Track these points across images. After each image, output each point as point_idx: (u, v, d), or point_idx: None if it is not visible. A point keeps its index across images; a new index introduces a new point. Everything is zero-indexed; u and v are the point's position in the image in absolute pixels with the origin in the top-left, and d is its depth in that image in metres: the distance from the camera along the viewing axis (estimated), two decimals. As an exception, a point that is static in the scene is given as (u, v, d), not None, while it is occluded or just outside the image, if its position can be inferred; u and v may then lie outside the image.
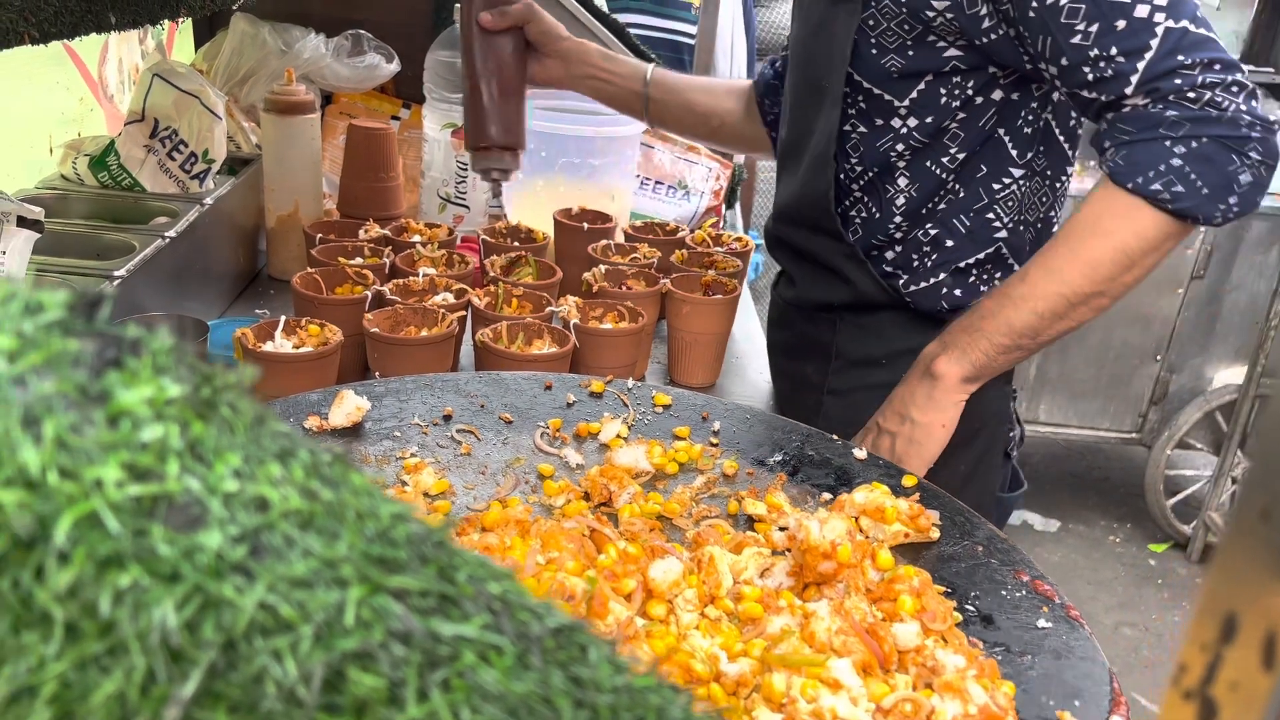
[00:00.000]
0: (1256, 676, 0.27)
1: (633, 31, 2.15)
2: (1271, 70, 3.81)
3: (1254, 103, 0.94)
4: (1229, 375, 3.40)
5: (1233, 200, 0.95)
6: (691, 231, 1.71)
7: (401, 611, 0.29)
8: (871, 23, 1.08)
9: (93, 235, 1.35)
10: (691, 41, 2.64)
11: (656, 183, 1.95)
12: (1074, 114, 1.15)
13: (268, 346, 1.15)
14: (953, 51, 1.07)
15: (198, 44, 2.11)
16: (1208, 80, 0.93)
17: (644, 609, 0.75)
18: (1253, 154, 0.94)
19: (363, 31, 1.96)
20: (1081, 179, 3.21)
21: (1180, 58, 0.93)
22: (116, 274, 1.21)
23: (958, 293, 1.18)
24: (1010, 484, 1.32)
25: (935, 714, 0.65)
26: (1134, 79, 0.95)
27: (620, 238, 1.64)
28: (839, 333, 1.25)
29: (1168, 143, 0.94)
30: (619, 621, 0.69)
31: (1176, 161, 0.94)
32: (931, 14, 1.04)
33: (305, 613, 0.28)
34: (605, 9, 2.17)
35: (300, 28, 1.92)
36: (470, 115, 1.37)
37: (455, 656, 0.29)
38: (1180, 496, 3.53)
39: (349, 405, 0.97)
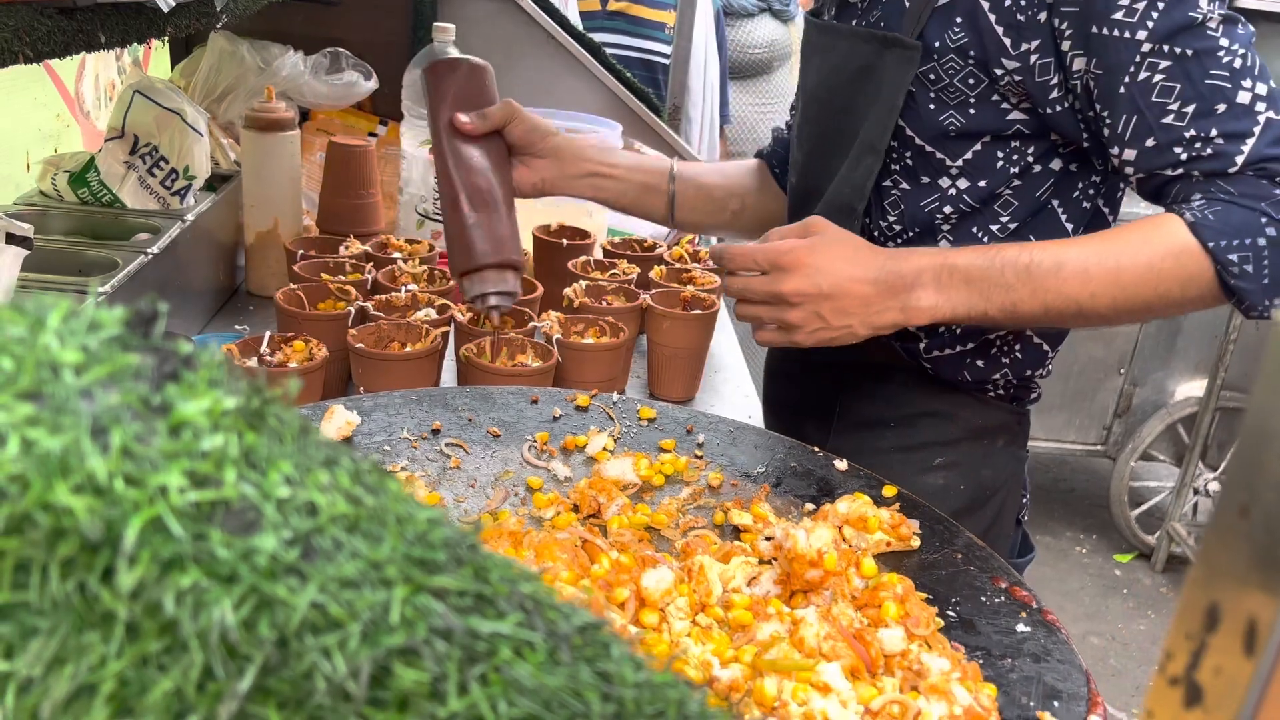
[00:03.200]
0: (1239, 662, 0.29)
1: (609, 51, 2.18)
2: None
3: None
4: (1190, 388, 3.48)
5: (1278, 300, 0.91)
6: (669, 248, 1.73)
7: (442, 610, 0.31)
8: (933, 76, 1.01)
9: (75, 252, 1.35)
10: (666, 61, 2.68)
11: (633, 200, 1.97)
12: (1119, 193, 1.09)
13: (254, 362, 1.16)
14: (1016, 114, 1.01)
15: (174, 61, 2.11)
16: None
17: (637, 617, 0.77)
18: None
19: (341, 49, 1.97)
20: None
21: None
22: (100, 290, 1.22)
23: (980, 363, 1.12)
24: (1020, 549, 1.26)
25: (922, 715, 0.67)
26: (1239, 160, 0.91)
27: (599, 254, 1.66)
28: (843, 393, 1.19)
29: (1264, 219, 0.90)
30: (623, 633, 0.71)
31: (1262, 241, 0.90)
32: (1000, 72, 0.98)
33: (353, 611, 0.30)
34: (581, 29, 2.20)
35: (279, 45, 1.93)
36: (454, 237, 1.15)
37: (492, 652, 0.31)
38: (1144, 507, 3.60)
39: (339, 420, 0.98)
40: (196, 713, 0.29)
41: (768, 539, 0.88)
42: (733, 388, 1.56)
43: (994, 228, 1.06)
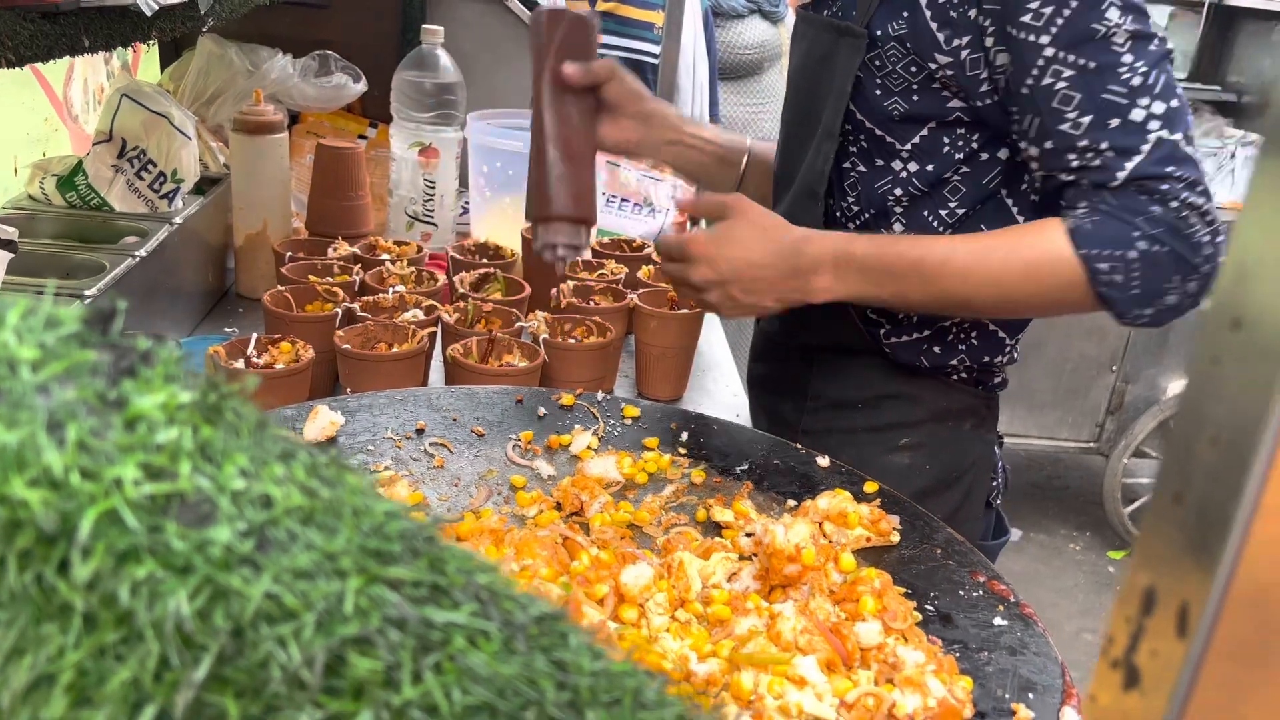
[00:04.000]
0: (1172, 644, 0.30)
1: (597, 52, 2.18)
2: (1218, 88, 3.93)
3: (1219, 239, 0.94)
4: (1182, 385, 3.49)
5: (1149, 312, 0.95)
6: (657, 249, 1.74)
7: (397, 600, 0.31)
8: (878, 63, 1.05)
9: (62, 255, 1.35)
10: (655, 61, 2.68)
11: (623, 200, 1.98)
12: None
13: (240, 364, 1.16)
14: (956, 103, 1.04)
15: (163, 64, 2.12)
16: (1191, 200, 0.93)
17: (616, 613, 0.77)
18: (1191, 284, 0.94)
19: (330, 52, 1.98)
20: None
21: (1171, 169, 0.93)
22: (87, 293, 1.22)
23: (937, 349, 1.15)
24: (994, 531, 1.29)
25: (896, 707, 0.68)
26: (1120, 175, 0.94)
27: (588, 254, 1.67)
28: (815, 373, 1.22)
29: (1136, 233, 0.93)
30: (593, 625, 0.71)
31: (1133, 254, 0.93)
32: (934, 66, 1.02)
33: (308, 601, 0.30)
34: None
35: (267, 48, 1.94)
36: (536, 182, 1.16)
37: (446, 641, 0.32)
38: (1137, 504, 3.60)
39: (323, 420, 0.98)
40: (154, 702, 0.30)
41: (748, 535, 0.89)
42: (721, 386, 1.57)
43: (943, 213, 1.09)
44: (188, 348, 1.32)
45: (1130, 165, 0.94)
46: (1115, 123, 0.94)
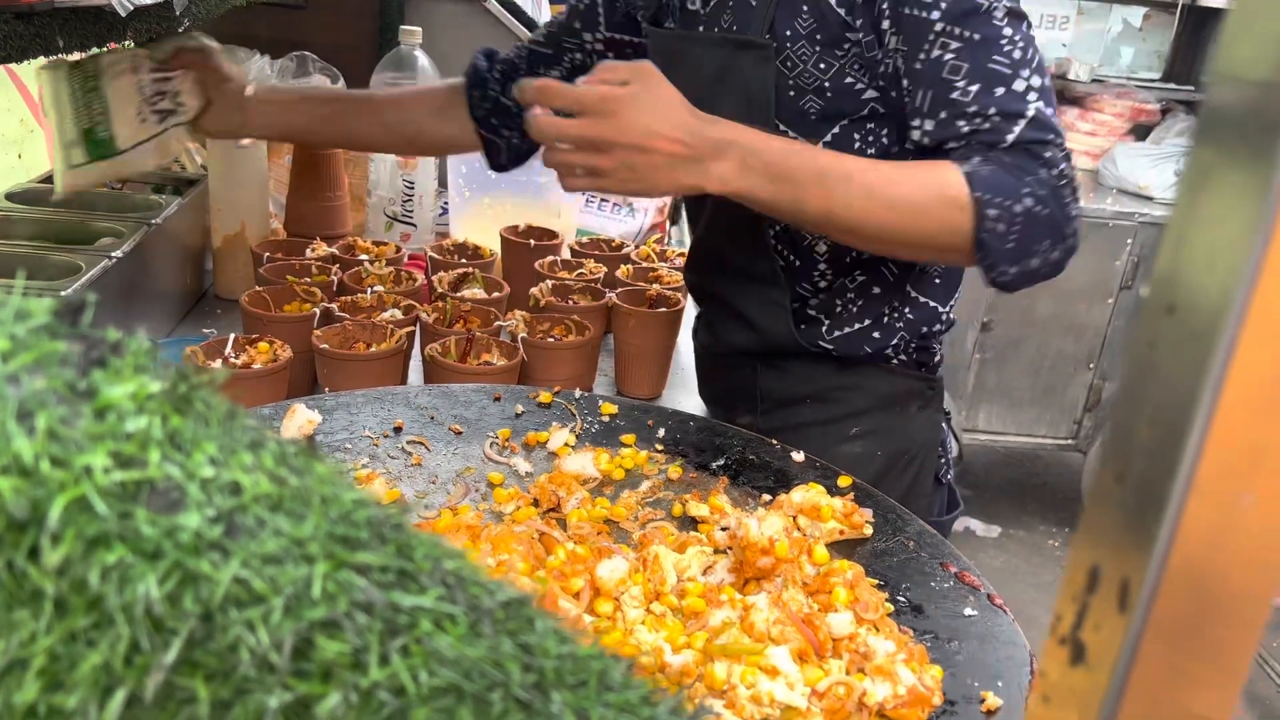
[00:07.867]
0: (1114, 618, 0.31)
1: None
2: (1191, 89, 3.97)
3: (1079, 214, 0.99)
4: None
5: (1014, 270, 0.98)
6: (636, 248, 1.75)
7: (364, 584, 0.32)
8: (788, 64, 1.07)
9: (38, 256, 1.35)
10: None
11: (602, 200, 1.99)
12: None
13: (218, 364, 1.17)
14: (871, 93, 1.06)
15: (140, 65, 2.11)
16: (1067, 171, 0.98)
17: (592, 606, 0.78)
18: (1056, 253, 0.98)
19: (308, 53, 1.97)
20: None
21: (1052, 136, 0.98)
22: (62, 294, 1.22)
23: (876, 335, 1.17)
24: (947, 506, 1.31)
25: (866, 696, 0.69)
26: (1010, 138, 0.97)
27: (566, 254, 1.68)
28: (761, 377, 1.24)
29: (1025, 189, 0.95)
30: (568, 618, 0.72)
31: (1018, 208, 0.95)
32: (847, 45, 1.04)
33: (276, 586, 0.31)
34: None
35: (245, 49, 1.93)
36: None
37: (413, 625, 0.32)
38: (1115, 500, 3.64)
39: (300, 419, 0.99)
40: (124, 685, 0.30)
41: (724, 529, 0.90)
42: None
43: None
44: (165, 349, 1.32)
45: (1017, 129, 0.97)
46: (1001, 91, 0.98)
